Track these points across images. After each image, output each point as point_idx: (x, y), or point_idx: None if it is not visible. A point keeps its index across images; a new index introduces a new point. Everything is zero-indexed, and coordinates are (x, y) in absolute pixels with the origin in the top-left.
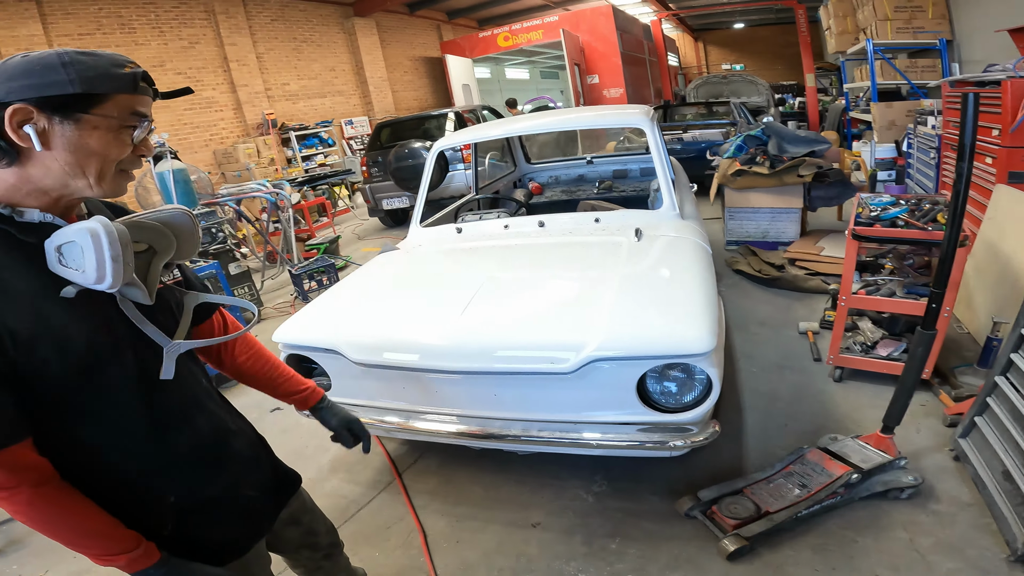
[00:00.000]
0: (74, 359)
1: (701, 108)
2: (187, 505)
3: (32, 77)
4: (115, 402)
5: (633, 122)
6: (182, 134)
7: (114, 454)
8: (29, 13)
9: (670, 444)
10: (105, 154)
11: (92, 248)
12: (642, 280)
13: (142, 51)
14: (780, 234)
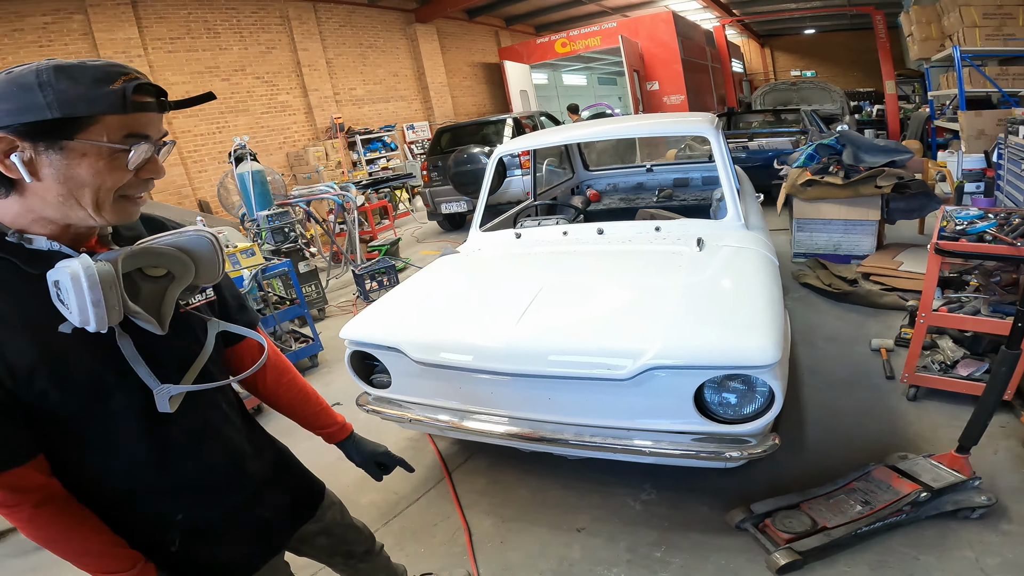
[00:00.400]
0: (74, 391)
1: (768, 115)
2: (195, 524)
3: (9, 101)
4: (117, 432)
5: (697, 130)
6: (259, 136)
7: (118, 479)
8: (126, 16)
9: (726, 455)
10: (98, 184)
11: (73, 291)
12: (704, 289)
13: (225, 55)
14: (854, 247)
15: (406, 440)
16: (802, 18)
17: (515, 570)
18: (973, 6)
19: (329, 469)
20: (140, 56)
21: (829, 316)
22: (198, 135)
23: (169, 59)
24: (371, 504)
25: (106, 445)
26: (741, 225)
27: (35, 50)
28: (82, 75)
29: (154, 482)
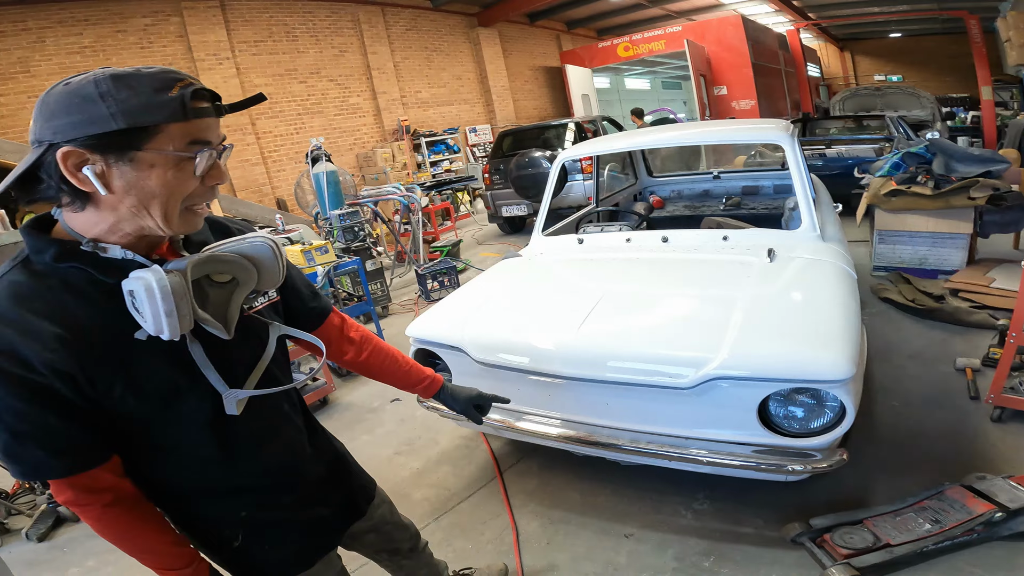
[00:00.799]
0: (149, 396)
1: (849, 122)
2: (257, 521)
3: (73, 114)
4: (186, 434)
5: (771, 138)
6: (332, 137)
7: (186, 479)
8: (216, 19)
9: (788, 468)
10: (168, 194)
11: (147, 302)
12: (774, 301)
13: (303, 58)
14: (941, 262)
15: (460, 438)
16: (886, 22)
17: (559, 571)
18: None
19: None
20: (228, 58)
21: (910, 333)
22: (278, 136)
23: (254, 61)
24: (424, 499)
25: (176, 447)
26: (816, 236)
27: (136, 51)
28: (140, 84)
29: (219, 482)
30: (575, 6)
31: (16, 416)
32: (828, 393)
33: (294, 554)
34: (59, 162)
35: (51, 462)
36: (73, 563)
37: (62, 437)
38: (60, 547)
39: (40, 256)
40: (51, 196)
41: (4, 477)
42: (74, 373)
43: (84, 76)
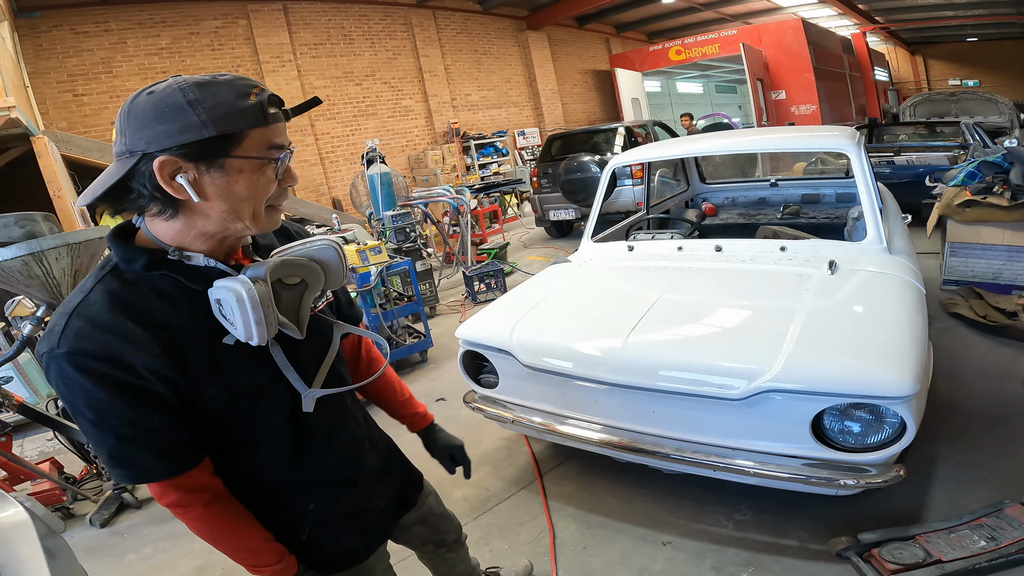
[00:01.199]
0: (239, 396)
1: (920, 128)
2: (324, 515)
3: (166, 123)
4: (267, 431)
5: (836, 146)
6: (385, 139)
7: (265, 474)
8: (279, 22)
9: (840, 482)
10: (255, 196)
11: (238, 311)
12: (833, 314)
13: (359, 61)
14: (1017, 276)
15: (502, 440)
16: (961, 26)
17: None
18: None
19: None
20: (291, 60)
21: (979, 349)
22: (334, 137)
23: (314, 64)
24: (463, 498)
25: (257, 444)
26: (883, 248)
27: (208, 53)
28: (222, 91)
29: (292, 476)
30: (625, 9)
31: (123, 421)
32: (888, 409)
33: (354, 546)
34: (155, 172)
35: (157, 463)
36: (131, 549)
37: (165, 439)
38: (120, 533)
39: (130, 265)
40: (142, 205)
41: (74, 462)
42: (173, 376)
43: (167, 84)
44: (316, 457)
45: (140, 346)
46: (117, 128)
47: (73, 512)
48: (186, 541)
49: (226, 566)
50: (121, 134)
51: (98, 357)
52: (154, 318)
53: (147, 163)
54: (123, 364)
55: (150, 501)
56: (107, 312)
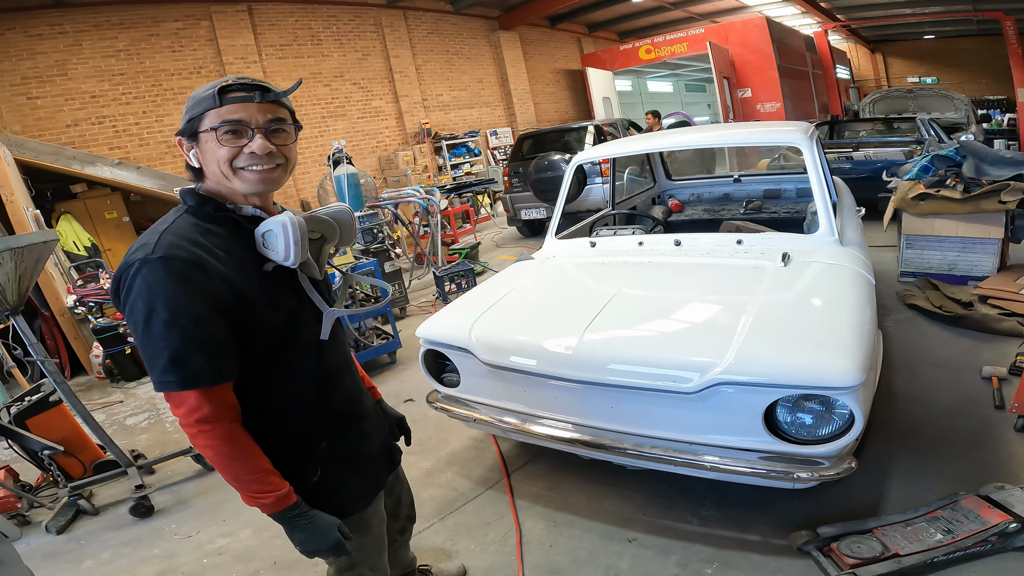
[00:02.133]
0: (278, 316)
1: (878, 124)
2: (333, 453)
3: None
4: (299, 356)
5: (788, 140)
6: (354, 140)
7: (294, 403)
8: (244, 24)
9: (795, 476)
10: (217, 159)
11: (282, 235)
12: (785, 306)
13: (327, 62)
14: (971, 267)
15: (470, 439)
16: (919, 23)
17: (561, 574)
18: None
19: None
20: (256, 62)
21: (937, 340)
22: (303, 138)
23: (280, 65)
24: (431, 499)
25: (290, 369)
26: (834, 240)
27: (168, 55)
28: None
29: (312, 407)
30: (596, 9)
31: (194, 322)
32: (837, 400)
33: (359, 490)
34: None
35: (208, 369)
36: (90, 555)
37: (220, 347)
38: (78, 539)
39: (203, 209)
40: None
41: (29, 471)
42: (239, 288)
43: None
44: (331, 389)
45: (218, 260)
46: None
47: (29, 519)
48: (145, 546)
49: (187, 570)
50: None
51: (188, 262)
52: (223, 244)
53: None
54: (206, 271)
55: (107, 507)
56: (192, 233)
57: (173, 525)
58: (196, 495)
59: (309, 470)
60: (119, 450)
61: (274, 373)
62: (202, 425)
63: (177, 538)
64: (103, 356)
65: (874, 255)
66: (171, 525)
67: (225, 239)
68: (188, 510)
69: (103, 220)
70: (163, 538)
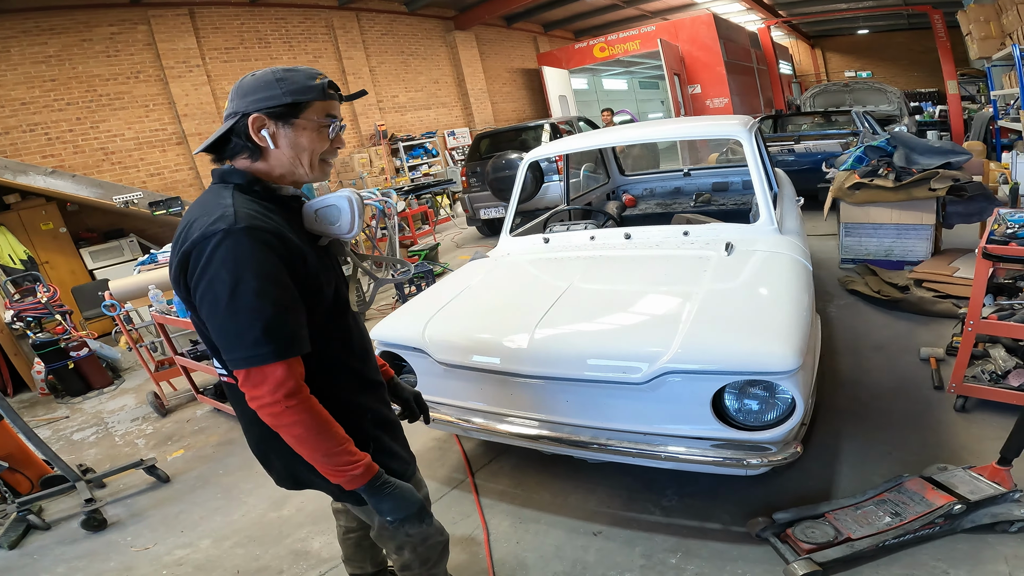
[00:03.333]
0: (332, 287)
1: (818, 117)
2: (378, 422)
3: (260, 92)
4: (346, 326)
5: (728, 133)
6: None
7: (345, 372)
8: (185, 27)
9: (746, 462)
10: (312, 148)
11: (347, 209)
12: (727, 295)
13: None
14: (907, 253)
15: (433, 440)
16: (855, 18)
17: (528, 570)
18: None
19: None
20: (199, 66)
21: (877, 324)
22: None
23: (226, 69)
24: None
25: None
26: (774, 229)
27: (103, 59)
28: (298, 75)
29: (359, 377)
30: (552, 8)
31: (285, 289)
32: (778, 385)
33: (406, 457)
34: (249, 125)
35: (302, 334)
36: (43, 569)
37: (303, 314)
38: (31, 554)
39: (251, 186)
40: (236, 152)
41: None
42: (309, 260)
43: (265, 70)
44: (368, 361)
45: (293, 232)
46: (229, 98)
47: None
48: (101, 559)
49: None
50: (230, 101)
51: (273, 232)
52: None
53: (243, 120)
54: (288, 242)
55: (59, 522)
56: (257, 206)
57: (129, 538)
58: (151, 507)
59: (367, 440)
60: (65, 465)
61: (331, 343)
62: (289, 400)
63: (134, 550)
64: (45, 372)
65: (817, 243)
66: (127, 538)
67: (276, 212)
68: (144, 522)
69: (39, 232)
70: (119, 551)
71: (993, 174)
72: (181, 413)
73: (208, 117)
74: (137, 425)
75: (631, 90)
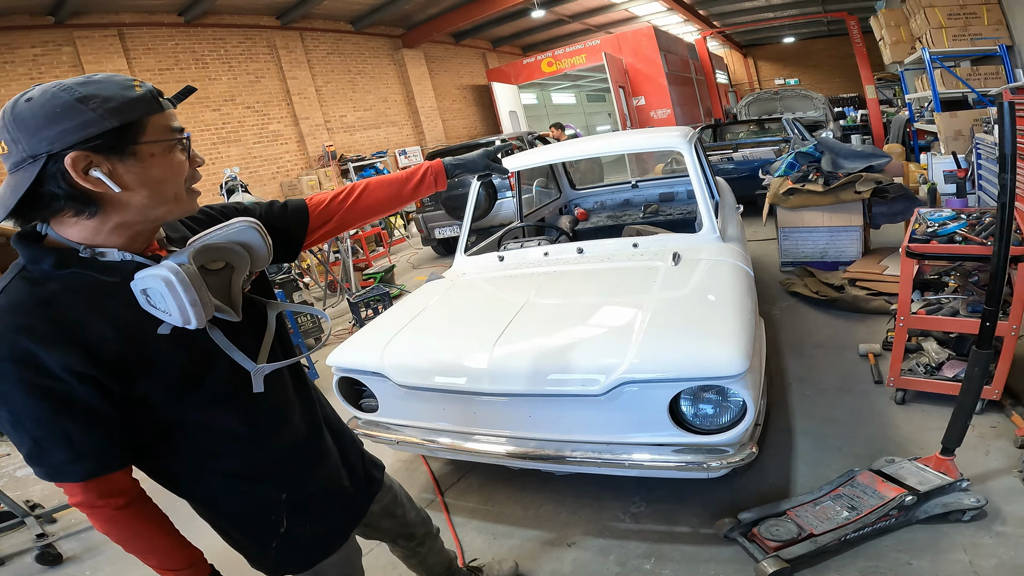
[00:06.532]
0: (176, 385)
1: (753, 126)
2: (296, 501)
3: (63, 122)
4: (213, 415)
5: (670, 145)
6: (252, 167)
7: (223, 461)
8: (113, 48)
9: (706, 465)
10: (173, 177)
11: (170, 295)
12: (676, 304)
13: (214, 86)
14: (840, 253)
15: (400, 462)
16: (781, 27)
17: None
18: (937, 7)
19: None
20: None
21: (818, 323)
22: None
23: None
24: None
25: (205, 431)
26: (716, 238)
27: (27, 82)
28: (105, 87)
29: (254, 461)
30: (500, 24)
31: (38, 423)
32: (729, 389)
33: (332, 531)
34: (69, 169)
35: (72, 466)
36: None
37: (83, 442)
38: None
39: (38, 265)
40: (57, 209)
41: None
42: (96, 375)
43: (44, 89)
44: (274, 438)
45: (56, 345)
46: (4, 137)
47: None
48: None
49: None
50: (14, 143)
51: (12, 359)
52: (71, 316)
53: (55, 163)
54: (38, 366)
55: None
56: (19, 314)
57: (87, 572)
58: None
59: (275, 522)
60: (11, 500)
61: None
62: (82, 508)
63: None
64: None
65: (758, 248)
66: (84, 572)
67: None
68: (101, 556)
69: None
70: None
71: (913, 175)
72: None
73: None
74: None
75: (579, 104)
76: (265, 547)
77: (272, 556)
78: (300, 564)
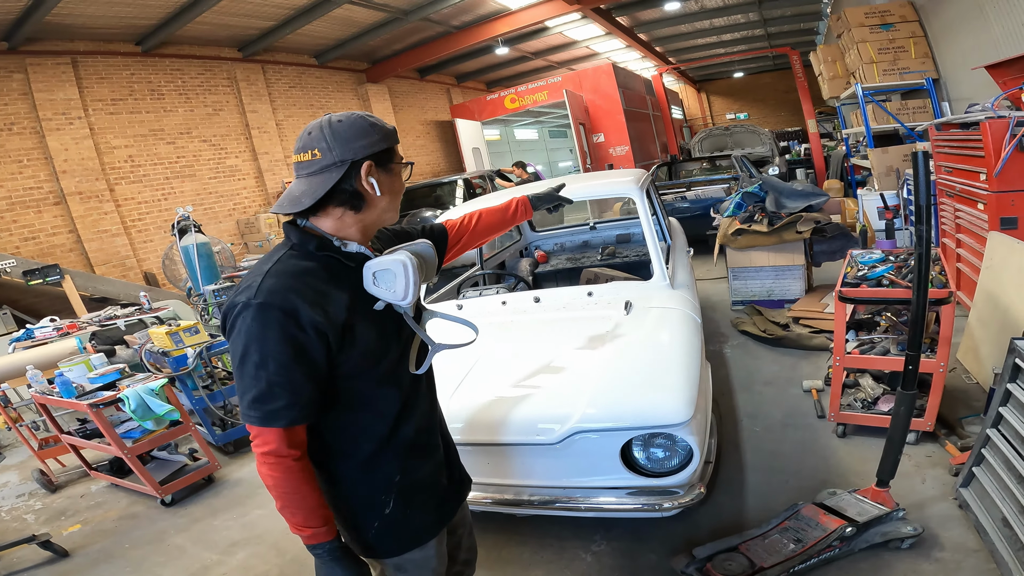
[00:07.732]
0: (366, 355)
1: (705, 163)
2: (405, 485)
3: (363, 139)
4: (379, 393)
5: (622, 192)
6: (207, 203)
7: (368, 437)
8: (66, 76)
9: (659, 506)
10: (400, 192)
11: (403, 276)
12: (627, 354)
13: (170, 118)
14: (785, 292)
15: None
16: (731, 62)
17: None
18: (869, 42)
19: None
20: (80, 117)
21: (766, 361)
22: (142, 202)
23: (112, 121)
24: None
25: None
26: (666, 285)
27: None
28: (377, 120)
29: (389, 440)
30: (464, 60)
31: (281, 368)
32: (676, 435)
33: (424, 524)
34: (363, 172)
35: (286, 412)
36: None
37: (301, 392)
38: None
39: (305, 247)
40: (339, 203)
41: None
42: (328, 333)
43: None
44: (407, 424)
45: (312, 305)
46: (321, 146)
47: None
48: None
49: None
50: (330, 150)
51: (282, 310)
52: (321, 286)
53: (355, 168)
54: (297, 319)
55: None
56: (291, 277)
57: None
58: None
59: (383, 502)
60: None
61: (354, 406)
62: (267, 458)
63: None
64: None
65: (711, 287)
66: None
67: (327, 276)
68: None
69: None
70: None
71: (851, 211)
72: (73, 489)
73: (90, 173)
74: (24, 501)
75: (541, 139)
76: (368, 526)
77: (371, 536)
78: (389, 550)
